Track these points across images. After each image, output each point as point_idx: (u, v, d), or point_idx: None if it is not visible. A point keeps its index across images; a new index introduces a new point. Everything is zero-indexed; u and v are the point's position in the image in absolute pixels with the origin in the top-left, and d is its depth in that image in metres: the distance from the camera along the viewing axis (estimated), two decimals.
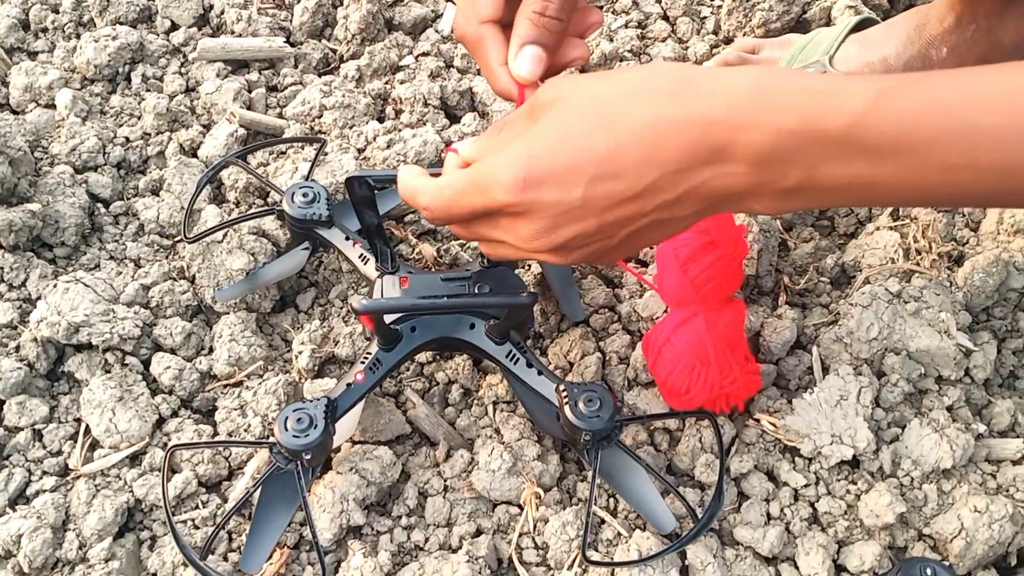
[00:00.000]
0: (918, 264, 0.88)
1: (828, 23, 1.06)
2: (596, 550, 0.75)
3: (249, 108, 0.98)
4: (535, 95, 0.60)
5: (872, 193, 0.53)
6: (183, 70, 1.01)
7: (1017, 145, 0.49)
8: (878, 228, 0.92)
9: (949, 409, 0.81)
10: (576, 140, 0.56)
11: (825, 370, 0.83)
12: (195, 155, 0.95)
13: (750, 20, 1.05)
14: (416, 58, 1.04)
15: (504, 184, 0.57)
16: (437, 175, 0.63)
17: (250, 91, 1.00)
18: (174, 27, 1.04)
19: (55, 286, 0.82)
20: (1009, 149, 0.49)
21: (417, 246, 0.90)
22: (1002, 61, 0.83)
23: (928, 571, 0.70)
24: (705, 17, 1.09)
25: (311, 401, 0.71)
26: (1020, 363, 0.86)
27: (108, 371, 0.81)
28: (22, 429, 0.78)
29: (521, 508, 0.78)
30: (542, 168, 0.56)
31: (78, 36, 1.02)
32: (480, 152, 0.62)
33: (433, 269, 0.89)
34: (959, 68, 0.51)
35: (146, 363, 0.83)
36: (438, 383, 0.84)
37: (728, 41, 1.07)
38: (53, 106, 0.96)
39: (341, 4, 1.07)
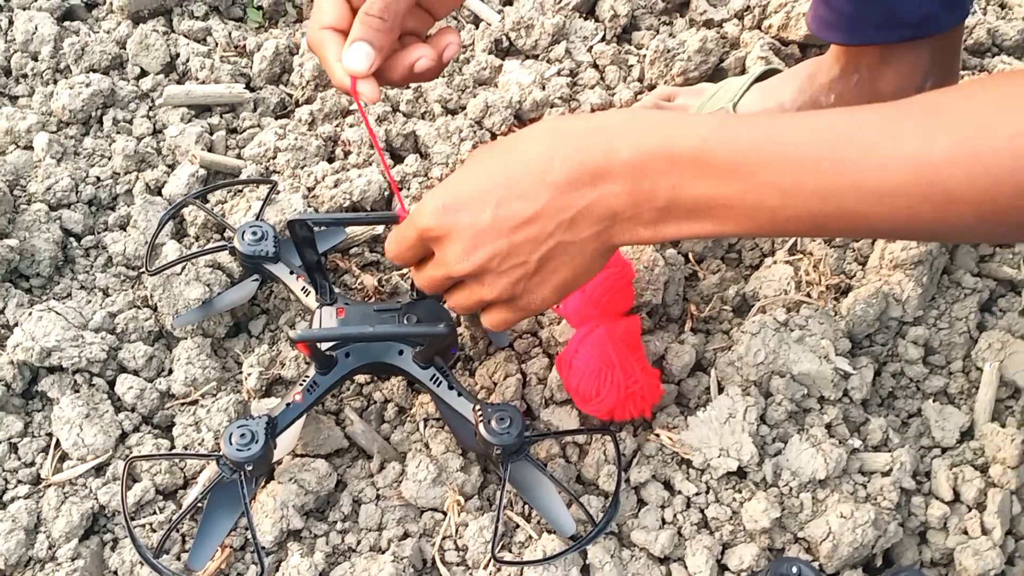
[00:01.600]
0: (808, 295, 0.98)
1: (743, 72, 1.16)
2: (510, 551, 0.85)
3: (210, 149, 1.08)
4: (471, 152, 0.71)
5: (730, 214, 0.64)
6: (151, 114, 1.11)
7: (832, 170, 0.59)
8: (775, 262, 1.02)
9: (828, 426, 0.90)
10: (483, 173, 0.69)
11: (720, 390, 0.93)
12: (159, 193, 1.05)
13: (671, 69, 1.15)
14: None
15: (427, 211, 0.70)
16: None
17: (211, 133, 1.09)
18: (143, 73, 1.14)
19: (30, 314, 0.91)
20: (825, 174, 0.59)
21: (360, 276, 1.00)
22: None
23: (794, 569, 0.79)
24: (631, 65, 1.19)
25: (254, 419, 0.81)
26: (898, 384, 0.96)
27: (77, 391, 0.90)
28: (0, 443, 0.88)
29: (445, 514, 0.87)
30: (456, 196, 0.69)
31: (55, 82, 1.12)
32: None
33: (373, 298, 0.98)
34: (792, 113, 0.62)
35: (111, 383, 0.92)
36: (375, 402, 0.94)
37: (651, 87, 1.17)
38: (31, 147, 1.06)
39: (297, 53, 1.16)
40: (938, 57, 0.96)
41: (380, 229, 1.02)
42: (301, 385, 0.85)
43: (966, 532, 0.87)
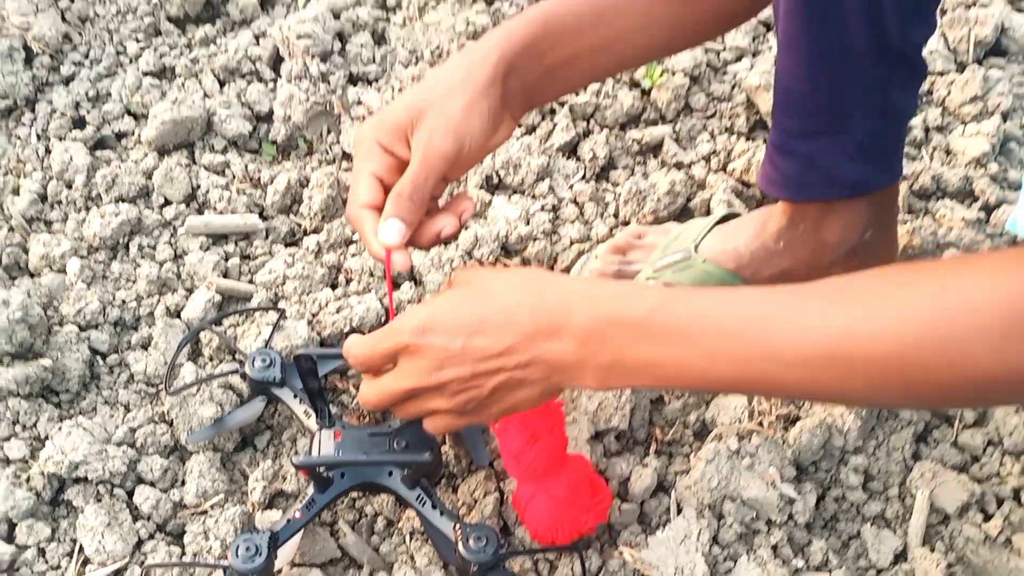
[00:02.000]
0: (760, 424, 1.09)
1: (708, 212, 1.28)
2: None
3: (225, 275, 1.20)
4: (455, 273, 0.84)
5: (666, 372, 0.76)
6: (172, 240, 1.23)
7: (751, 342, 0.71)
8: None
9: (774, 547, 1.00)
10: (463, 308, 0.80)
11: (679, 511, 1.03)
12: (178, 316, 1.16)
13: (643, 208, 1.28)
14: None
15: (408, 328, 0.81)
16: None
17: (227, 260, 1.21)
18: (167, 202, 1.26)
19: (60, 429, 1.02)
20: (745, 345, 0.71)
21: (356, 397, 1.11)
22: (828, 255, 1.09)
23: None
24: (608, 203, 1.31)
25: (258, 533, 0.91)
26: (839, 508, 1.06)
27: (100, 500, 1.00)
28: (29, 547, 0.98)
29: None
30: (436, 322, 0.80)
31: (87, 209, 1.24)
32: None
33: (367, 418, 1.09)
34: (723, 289, 0.76)
35: (130, 493, 1.02)
36: (366, 515, 1.04)
37: (625, 223, 1.29)
38: (64, 271, 1.17)
39: (306, 186, 1.29)
40: (876, 211, 1.08)
41: None
42: (301, 502, 0.96)
43: None
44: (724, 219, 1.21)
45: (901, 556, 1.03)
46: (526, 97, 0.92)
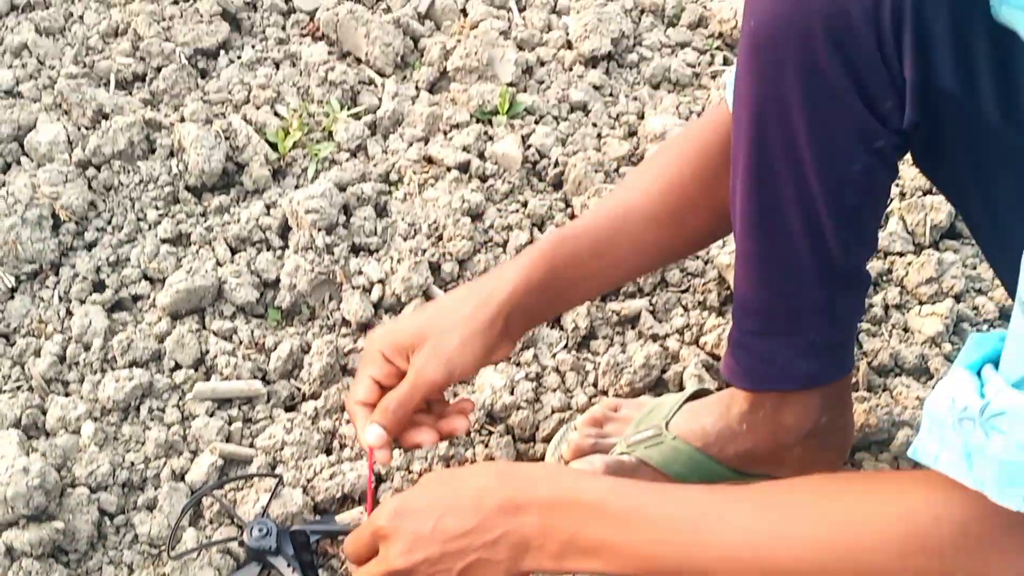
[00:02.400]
0: None
1: (681, 385, 1.38)
2: None
3: (228, 439, 1.29)
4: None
5: (615, 556, 0.86)
6: (180, 404, 1.32)
7: (687, 538, 0.83)
8: None
9: None
10: (434, 492, 0.92)
11: None
12: (183, 479, 1.25)
13: (620, 379, 1.37)
14: None
15: (383, 514, 0.92)
16: None
17: (230, 424, 1.30)
18: (177, 367, 1.36)
19: None
20: (681, 538, 0.84)
21: (345, 564, 1.18)
22: (787, 436, 1.19)
23: None
24: (588, 372, 1.41)
25: None
26: None
27: None
28: None
29: None
30: (408, 506, 0.92)
31: (103, 372, 1.34)
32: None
33: None
34: (669, 485, 0.91)
35: None
36: None
37: (604, 392, 1.38)
38: (79, 432, 1.26)
39: (308, 352, 1.39)
40: (829, 399, 1.17)
41: None
42: None
43: None
44: (694, 395, 1.30)
45: None
46: (528, 323, 1.07)
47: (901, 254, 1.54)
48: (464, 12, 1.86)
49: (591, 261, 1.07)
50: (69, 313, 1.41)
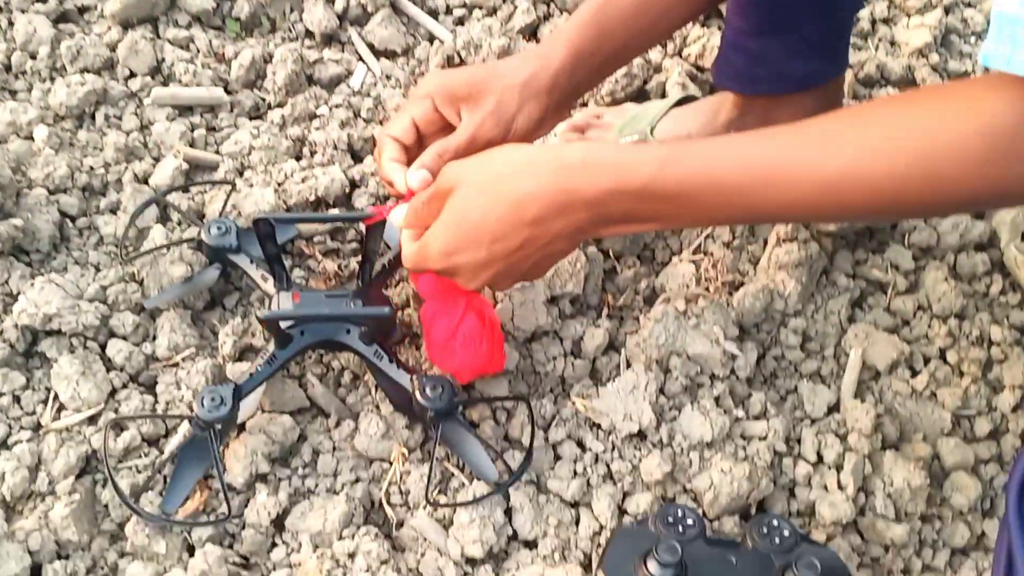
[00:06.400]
0: (707, 289, 1.15)
1: (663, 94, 1.33)
2: (446, 495, 1.00)
3: (192, 145, 1.22)
4: (440, 178, 0.88)
5: (673, 222, 0.85)
6: (138, 111, 1.25)
7: (752, 193, 0.77)
8: (681, 260, 1.19)
9: (716, 399, 1.07)
10: (472, 218, 0.85)
11: (628, 365, 1.09)
12: (146, 183, 1.19)
13: (601, 89, 1.32)
14: (330, 108, 1.28)
15: (434, 257, 0.88)
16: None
17: (192, 131, 1.23)
18: (132, 75, 1.28)
19: (32, 284, 1.05)
20: (747, 196, 0.77)
21: (322, 262, 1.15)
22: None
23: (679, 512, 0.96)
24: None
25: (222, 385, 0.96)
26: (779, 366, 1.14)
27: (73, 351, 1.04)
28: (4, 394, 1.01)
29: (391, 464, 1.03)
30: (454, 243, 0.86)
31: (52, 79, 1.25)
32: (411, 224, 0.92)
33: (333, 282, 1.14)
34: (722, 136, 0.84)
35: (103, 347, 1.06)
36: (333, 369, 1.09)
37: (583, 104, 1.33)
38: (31, 138, 1.19)
39: (270, 61, 1.31)
40: (822, 103, 1.13)
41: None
42: (263, 357, 1.00)
43: (825, 487, 1.04)
44: (680, 102, 1.25)
45: (834, 408, 1.11)
46: (575, 94, 1.01)
47: None
48: None
49: (641, 17, 0.99)
50: (11, 23, 1.30)
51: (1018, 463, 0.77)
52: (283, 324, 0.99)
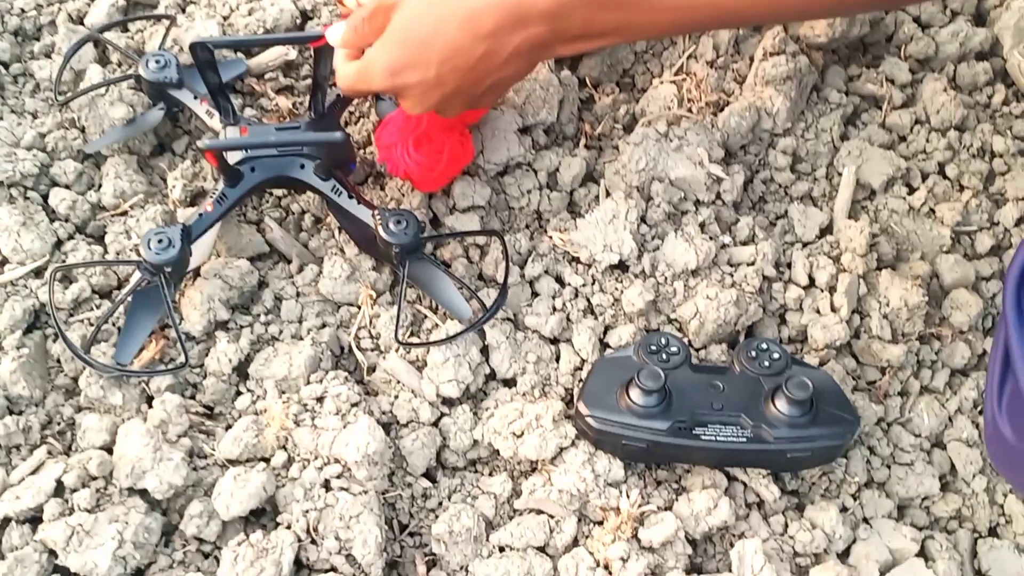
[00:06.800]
0: (689, 111, 1.08)
1: None
2: (419, 337, 0.95)
3: None
4: None
5: (632, 31, 0.81)
6: None
7: None
8: (662, 82, 1.11)
9: (701, 225, 1.01)
10: (420, 33, 0.79)
11: (608, 195, 1.02)
12: (81, 23, 1.10)
13: None
14: None
15: (379, 75, 0.82)
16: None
17: None
18: None
19: None
20: None
21: (275, 99, 1.07)
22: None
23: (662, 340, 0.91)
24: None
25: (169, 226, 0.89)
26: (768, 189, 1.07)
27: (12, 202, 0.97)
28: None
29: (359, 308, 0.97)
30: (400, 61, 0.80)
31: None
32: (350, 43, 0.86)
33: (286, 120, 1.06)
34: None
35: (45, 197, 0.99)
36: (293, 212, 1.02)
37: None
38: None
39: None
40: None
41: (294, 55, 1.09)
42: (211, 197, 0.93)
43: (818, 311, 0.99)
44: None
45: (827, 230, 1.04)
46: None
47: None
48: None
49: None
50: None
51: (1017, 255, 0.74)
52: (232, 159, 0.92)
